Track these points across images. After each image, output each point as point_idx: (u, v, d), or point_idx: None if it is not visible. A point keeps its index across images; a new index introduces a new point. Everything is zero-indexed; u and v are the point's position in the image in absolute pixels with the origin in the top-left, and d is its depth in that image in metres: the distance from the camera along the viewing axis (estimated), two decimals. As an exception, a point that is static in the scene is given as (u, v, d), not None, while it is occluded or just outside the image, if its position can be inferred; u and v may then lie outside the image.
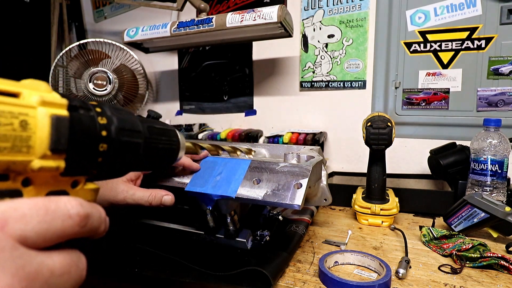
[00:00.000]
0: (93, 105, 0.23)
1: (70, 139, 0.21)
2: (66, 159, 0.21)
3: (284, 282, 0.46)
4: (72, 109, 0.21)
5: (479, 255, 0.50)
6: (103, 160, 0.23)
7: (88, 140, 0.22)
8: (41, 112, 0.19)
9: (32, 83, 0.20)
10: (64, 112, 0.21)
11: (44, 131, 0.19)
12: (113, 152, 0.24)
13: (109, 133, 0.23)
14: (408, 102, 1.02)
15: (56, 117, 0.20)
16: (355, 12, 1.04)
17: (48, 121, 0.19)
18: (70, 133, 0.21)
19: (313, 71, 1.11)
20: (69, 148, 0.21)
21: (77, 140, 0.21)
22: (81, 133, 0.22)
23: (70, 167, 0.21)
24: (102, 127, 0.23)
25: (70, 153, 0.21)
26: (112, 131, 0.24)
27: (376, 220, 0.70)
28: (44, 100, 0.20)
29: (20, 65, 1.40)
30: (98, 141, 0.23)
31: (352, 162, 1.09)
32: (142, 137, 0.27)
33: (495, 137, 0.71)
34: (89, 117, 0.22)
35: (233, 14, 0.89)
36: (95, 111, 0.23)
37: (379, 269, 0.47)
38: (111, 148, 0.24)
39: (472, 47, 0.94)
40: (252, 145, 0.70)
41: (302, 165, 0.45)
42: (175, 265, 0.47)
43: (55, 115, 0.20)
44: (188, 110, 1.34)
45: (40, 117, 0.19)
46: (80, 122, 0.22)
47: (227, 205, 0.48)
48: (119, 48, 1.29)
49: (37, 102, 0.19)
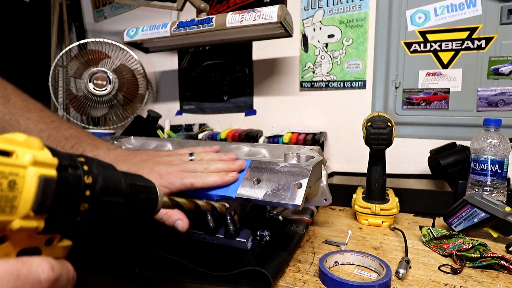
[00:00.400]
0: (81, 162, 0.23)
1: (54, 200, 0.20)
2: (46, 219, 0.21)
3: (284, 282, 0.46)
4: (61, 169, 0.21)
5: (479, 255, 0.50)
6: (81, 220, 0.23)
7: (72, 200, 0.22)
8: (30, 172, 0.19)
9: (26, 140, 0.20)
10: (53, 172, 0.20)
11: (30, 192, 0.19)
12: (93, 212, 0.24)
13: (93, 193, 0.23)
14: (408, 102, 1.02)
15: (45, 179, 0.20)
16: (355, 12, 1.04)
17: (36, 182, 0.19)
18: (55, 194, 0.20)
19: (313, 71, 1.11)
20: (52, 209, 0.20)
21: (61, 201, 0.21)
22: (66, 194, 0.21)
23: (48, 227, 0.21)
24: (87, 186, 0.23)
25: (52, 214, 0.21)
26: (96, 191, 0.23)
27: (376, 220, 0.70)
28: (36, 160, 0.19)
29: (20, 65, 1.40)
30: (81, 201, 0.22)
31: (352, 162, 1.09)
32: (123, 196, 0.26)
33: (495, 137, 0.71)
34: (76, 176, 0.22)
35: (233, 14, 0.89)
36: (82, 170, 0.23)
37: (379, 269, 0.47)
38: (92, 208, 0.23)
39: (472, 47, 0.94)
40: (252, 145, 0.70)
41: (302, 165, 0.45)
42: (175, 265, 0.46)
43: (44, 176, 0.20)
44: (188, 110, 1.34)
45: (29, 177, 0.19)
46: (66, 183, 0.21)
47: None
48: (119, 48, 1.29)
49: (29, 161, 0.19)
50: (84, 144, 0.47)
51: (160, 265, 0.47)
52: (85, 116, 1.31)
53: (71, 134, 0.48)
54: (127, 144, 0.79)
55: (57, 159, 0.21)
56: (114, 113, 1.30)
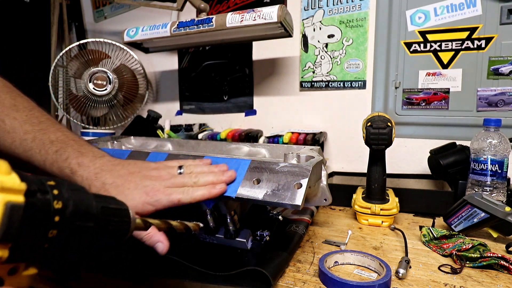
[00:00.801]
0: (51, 186, 0.22)
1: (20, 227, 0.19)
2: (11, 247, 0.19)
3: (284, 282, 0.46)
4: (29, 195, 0.20)
5: (479, 255, 0.50)
6: (49, 247, 0.22)
7: (39, 227, 0.21)
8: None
9: None
10: (21, 198, 0.19)
11: None
12: (62, 238, 0.23)
13: (62, 218, 0.22)
14: (408, 102, 1.02)
15: (11, 206, 0.19)
16: (355, 12, 1.04)
17: (1, 210, 0.18)
18: (22, 221, 0.19)
19: (313, 71, 1.11)
20: (17, 237, 0.19)
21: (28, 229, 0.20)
22: (33, 221, 0.20)
23: (13, 256, 0.20)
24: (56, 212, 0.22)
25: (17, 242, 0.20)
26: (65, 216, 0.22)
27: (376, 220, 0.70)
28: (2, 186, 0.18)
29: (20, 65, 1.40)
30: (49, 227, 0.21)
31: (352, 162, 1.09)
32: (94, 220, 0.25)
33: (495, 137, 0.71)
34: (44, 201, 0.21)
35: (233, 14, 0.89)
36: (52, 194, 0.22)
37: (379, 269, 0.47)
38: (61, 234, 0.22)
39: (472, 47, 0.94)
40: (252, 145, 0.70)
41: (302, 165, 0.45)
42: (175, 265, 0.47)
43: (10, 202, 0.19)
44: (188, 110, 1.34)
45: None
46: (34, 209, 0.20)
47: (227, 205, 0.48)
48: (119, 48, 1.29)
49: None
50: (70, 149, 0.44)
51: (160, 265, 0.47)
52: (85, 116, 1.31)
53: (57, 137, 0.45)
54: (127, 144, 0.79)
55: (25, 184, 0.20)
56: (114, 113, 1.30)
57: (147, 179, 0.43)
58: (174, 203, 0.42)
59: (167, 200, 0.41)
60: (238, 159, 0.49)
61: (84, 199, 0.25)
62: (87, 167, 0.43)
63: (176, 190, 0.43)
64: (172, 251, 0.49)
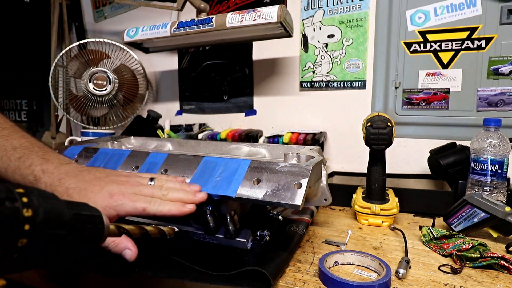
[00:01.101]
0: (20, 194, 0.21)
1: None
2: None
3: (284, 282, 0.46)
4: None
5: (479, 255, 0.50)
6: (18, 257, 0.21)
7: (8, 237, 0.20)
8: None
9: None
10: None
11: None
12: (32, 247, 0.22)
13: (33, 227, 0.21)
14: (408, 102, 1.02)
15: None
16: (355, 12, 1.04)
17: None
18: None
19: (313, 71, 1.11)
20: None
21: None
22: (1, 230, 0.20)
23: None
24: (25, 220, 0.21)
25: None
26: (36, 225, 0.22)
27: (376, 220, 0.70)
28: None
29: (20, 65, 1.40)
30: (18, 236, 0.21)
31: (352, 162, 1.09)
32: (67, 227, 0.25)
33: (495, 137, 0.71)
34: (13, 210, 0.20)
35: (233, 14, 0.89)
36: (21, 202, 0.21)
37: (379, 269, 0.47)
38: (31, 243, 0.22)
39: (472, 47, 0.94)
40: (252, 145, 0.70)
41: (302, 165, 0.45)
42: (175, 265, 0.47)
43: None
44: (188, 110, 1.34)
45: None
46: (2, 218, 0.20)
47: (227, 205, 0.48)
48: (119, 48, 1.29)
49: None
50: (34, 156, 0.43)
51: (160, 265, 0.47)
52: (85, 116, 1.31)
53: (20, 144, 0.44)
54: (127, 144, 0.79)
55: None
56: (114, 113, 1.30)
57: (114, 183, 0.42)
58: (139, 211, 0.40)
59: (132, 207, 0.40)
60: (238, 159, 0.49)
61: (55, 206, 0.24)
62: (52, 173, 0.41)
63: (143, 198, 0.41)
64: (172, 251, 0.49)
